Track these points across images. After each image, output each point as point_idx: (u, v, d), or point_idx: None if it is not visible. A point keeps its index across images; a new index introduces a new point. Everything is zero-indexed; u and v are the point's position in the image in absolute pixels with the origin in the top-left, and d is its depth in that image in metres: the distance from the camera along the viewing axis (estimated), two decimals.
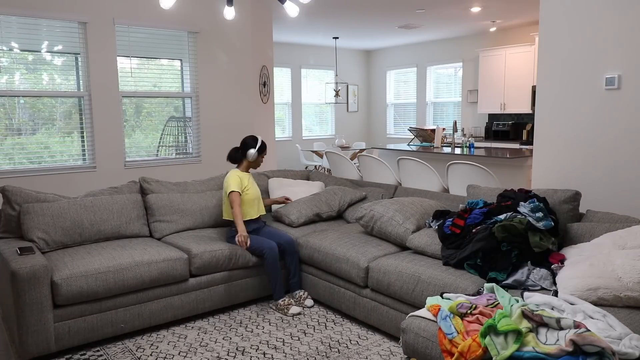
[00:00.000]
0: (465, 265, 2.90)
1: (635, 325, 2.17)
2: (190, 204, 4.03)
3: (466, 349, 2.05)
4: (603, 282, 2.39)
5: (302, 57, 11.00)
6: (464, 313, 2.22)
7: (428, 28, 8.96)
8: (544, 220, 2.85)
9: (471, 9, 7.39)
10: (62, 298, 2.94)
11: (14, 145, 5.09)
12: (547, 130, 3.77)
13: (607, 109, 3.43)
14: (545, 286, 2.61)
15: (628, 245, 2.59)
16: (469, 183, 4.46)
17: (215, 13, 6.02)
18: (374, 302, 3.27)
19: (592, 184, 3.54)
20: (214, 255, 3.53)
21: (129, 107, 5.76)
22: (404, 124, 11.18)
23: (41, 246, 3.34)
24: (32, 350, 2.89)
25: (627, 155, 3.36)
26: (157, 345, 3.18)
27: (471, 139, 7.52)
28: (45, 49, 5.17)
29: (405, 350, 2.39)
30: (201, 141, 6.14)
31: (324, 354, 3.03)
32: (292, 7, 4.27)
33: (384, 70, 11.75)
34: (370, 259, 3.32)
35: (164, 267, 3.31)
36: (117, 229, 3.67)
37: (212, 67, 6.13)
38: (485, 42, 9.54)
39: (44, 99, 5.24)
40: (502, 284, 2.68)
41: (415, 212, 3.53)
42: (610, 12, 3.36)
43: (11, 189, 3.49)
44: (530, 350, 1.94)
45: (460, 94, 10.17)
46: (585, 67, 3.52)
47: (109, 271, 3.11)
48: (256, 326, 3.44)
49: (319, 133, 11.63)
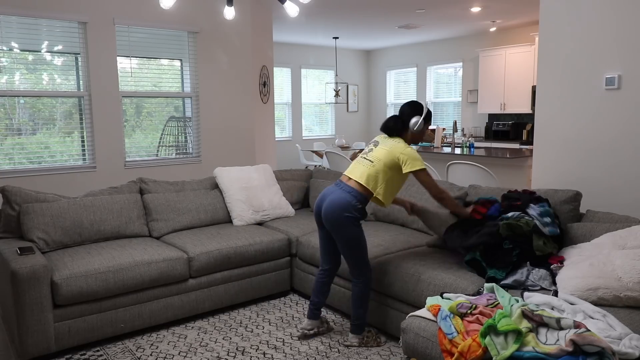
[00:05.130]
0: (465, 260, 2.90)
1: (635, 325, 2.17)
2: (186, 203, 4.05)
3: (466, 349, 2.05)
4: (603, 282, 2.39)
5: (302, 57, 11.00)
6: (464, 313, 2.22)
7: (428, 28, 8.96)
8: (550, 227, 2.84)
9: (471, 9, 7.39)
10: (62, 298, 2.94)
11: (14, 145, 5.09)
12: (547, 130, 3.77)
13: (607, 109, 3.43)
14: (544, 286, 2.61)
15: (628, 245, 2.58)
16: (469, 183, 4.46)
17: (215, 13, 6.02)
18: (374, 301, 3.27)
19: (592, 184, 3.54)
20: (212, 256, 3.54)
21: (129, 107, 5.77)
22: None
23: (41, 246, 3.34)
24: (32, 350, 2.89)
25: (627, 155, 3.36)
26: (157, 345, 3.18)
27: (471, 139, 7.52)
28: (45, 49, 5.17)
29: (405, 350, 2.39)
30: (201, 141, 6.14)
31: (324, 354, 3.03)
32: (292, 7, 4.27)
33: (384, 70, 11.75)
34: (371, 259, 3.31)
35: (164, 267, 3.31)
36: (117, 229, 3.67)
37: (212, 67, 6.13)
38: (485, 42, 9.54)
39: (44, 99, 5.24)
40: (501, 283, 2.68)
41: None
42: (610, 12, 3.36)
43: (11, 189, 3.49)
44: (530, 350, 1.94)
45: (460, 94, 10.17)
46: (585, 67, 3.52)
47: (109, 271, 3.11)
48: (256, 326, 3.44)
49: (319, 133, 11.63)
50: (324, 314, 3.56)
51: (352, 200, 2.90)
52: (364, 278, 3.01)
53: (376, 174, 2.93)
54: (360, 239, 2.96)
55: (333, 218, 2.91)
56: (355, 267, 3.01)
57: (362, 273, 3.01)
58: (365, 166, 2.97)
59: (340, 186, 2.99)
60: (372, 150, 3.02)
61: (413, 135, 3.04)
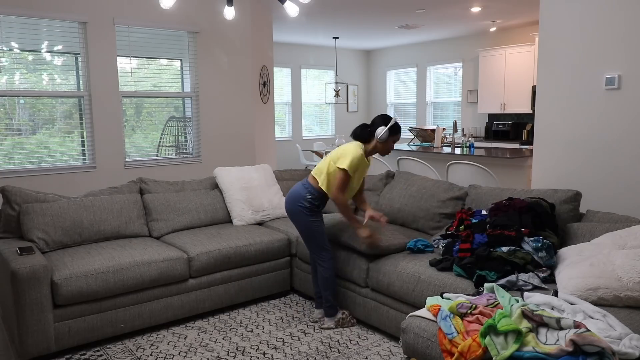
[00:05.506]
0: (454, 265, 2.89)
1: (635, 325, 2.17)
2: (186, 203, 4.06)
3: (466, 349, 2.05)
4: (603, 282, 2.39)
5: (302, 57, 11.00)
6: (464, 313, 2.22)
7: (428, 28, 8.96)
8: (547, 260, 2.76)
9: (471, 9, 7.39)
10: (62, 298, 2.94)
11: (14, 145, 5.09)
12: (547, 130, 3.77)
13: (607, 109, 3.43)
14: (535, 284, 2.60)
15: (628, 245, 2.58)
16: (469, 183, 4.46)
17: (215, 13, 6.02)
18: (374, 302, 3.27)
19: (592, 183, 3.54)
20: (212, 256, 3.54)
21: (129, 107, 5.77)
22: (404, 124, 11.18)
23: (41, 246, 3.34)
24: (32, 350, 2.89)
25: (627, 155, 3.36)
26: (157, 345, 3.18)
27: (471, 139, 7.52)
28: (45, 49, 5.17)
29: (405, 350, 2.39)
30: (201, 141, 6.14)
31: (324, 354, 3.03)
32: (292, 7, 4.27)
33: (384, 70, 11.75)
34: (371, 258, 3.32)
35: (164, 267, 3.31)
36: (117, 228, 3.67)
37: (212, 67, 6.13)
38: (485, 42, 9.54)
39: (44, 99, 5.24)
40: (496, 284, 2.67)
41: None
42: (610, 12, 3.36)
43: (11, 189, 3.49)
44: (530, 350, 1.94)
45: (460, 94, 10.16)
46: (585, 67, 3.52)
47: (108, 271, 3.11)
48: (256, 326, 3.44)
49: (319, 133, 11.63)
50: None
51: (302, 191, 3.25)
52: (325, 262, 3.31)
53: (323, 168, 3.26)
54: (312, 227, 3.26)
55: (288, 209, 3.31)
56: (314, 252, 3.34)
57: (322, 257, 3.32)
58: (324, 163, 3.28)
59: (302, 182, 3.34)
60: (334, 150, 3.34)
61: (378, 144, 3.25)
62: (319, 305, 3.47)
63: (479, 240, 2.93)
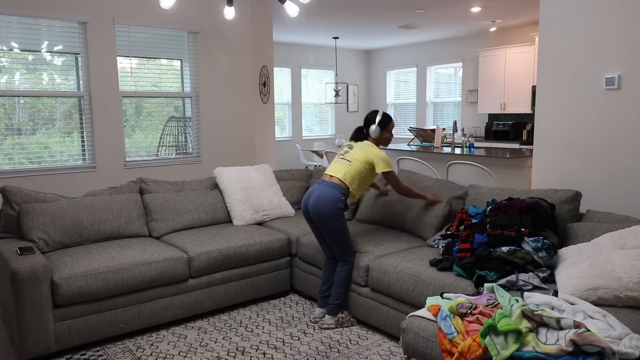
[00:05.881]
0: (454, 265, 2.88)
1: (635, 325, 2.17)
2: (186, 203, 4.05)
3: (466, 349, 2.05)
4: (603, 282, 2.39)
5: (302, 57, 11.00)
6: (464, 313, 2.22)
7: (428, 28, 8.96)
8: (547, 260, 2.76)
9: (471, 9, 7.39)
10: (62, 298, 2.94)
11: (14, 145, 5.09)
12: (547, 130, 3.77)
13: (607, 109, 3.43)
14: (535, 284, 2.60)
15: (628, 245, 2.58)
16: (469, 183, 4.46)
17: (215, 13, 6.02)
18: (374, 301, 3.27)
19: (592, 183, 3.54)
20: (212, 256, 3.54)
21: (129, 107, 5.77)
22: (404, 124, 11.17)
23: (41, 246, 3.34)
24: (32, 350, 2.89)
25: (627, 155, 3.36)
26: (157, 345, 3.18)
27: (471, 139, 7.52)
28: (45, 49, 5.17)
29: (405, 350, 2.39)
30: (201, 141, 6.14)
31: (324, 354, 3.03)
32: (292, 7, 4.27)
33: (384, 70, 11.75)
34: (371, 259, 3.32)
35: (164, 267, 3.32)
36: (117, 228, 3.67)
37: (212, 67, 6.13)
38: (485, 42, 9.54)
39: (44, 99, 5.24)
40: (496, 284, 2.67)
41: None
42: (610, 12, 3.36)
43: (11, 189, 3.49)
44: (530, 350, 1.94)
45: (460, 94, 10.16)
46: (585, 67, 3.51)
47: (108, 271, 3.11)
48: (256, 326, 3.44)
49: (319, 133, 11.63)
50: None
51: (337, 193, 3.27)
52: (349, 262, 3.37)
53: (354, 172, 3.34)
54: (344, 227, 3.32)
55: (322, 211, 3.26)
56: (342, 253, 3.36)
57: (349, 256, 3.37)
58: (344, 165, 3.37)
59: (324, 184, 3.34)
60: (347, 152, 3.44)
61: (375, 140, 3.48)
62: (322, 304, 3.47)
63: (479, 240, 2.93)
